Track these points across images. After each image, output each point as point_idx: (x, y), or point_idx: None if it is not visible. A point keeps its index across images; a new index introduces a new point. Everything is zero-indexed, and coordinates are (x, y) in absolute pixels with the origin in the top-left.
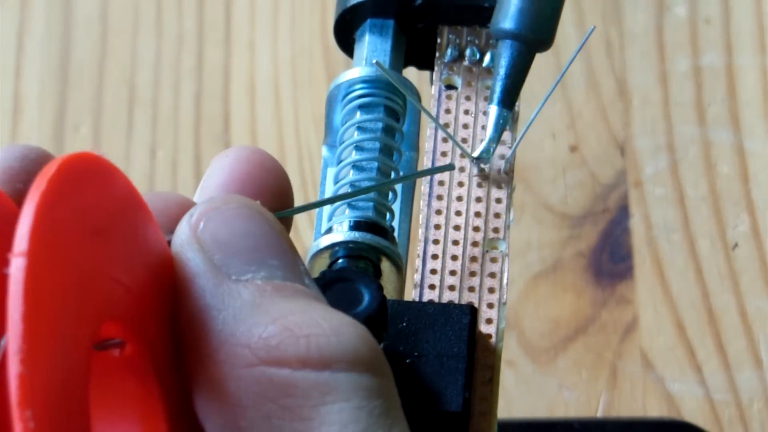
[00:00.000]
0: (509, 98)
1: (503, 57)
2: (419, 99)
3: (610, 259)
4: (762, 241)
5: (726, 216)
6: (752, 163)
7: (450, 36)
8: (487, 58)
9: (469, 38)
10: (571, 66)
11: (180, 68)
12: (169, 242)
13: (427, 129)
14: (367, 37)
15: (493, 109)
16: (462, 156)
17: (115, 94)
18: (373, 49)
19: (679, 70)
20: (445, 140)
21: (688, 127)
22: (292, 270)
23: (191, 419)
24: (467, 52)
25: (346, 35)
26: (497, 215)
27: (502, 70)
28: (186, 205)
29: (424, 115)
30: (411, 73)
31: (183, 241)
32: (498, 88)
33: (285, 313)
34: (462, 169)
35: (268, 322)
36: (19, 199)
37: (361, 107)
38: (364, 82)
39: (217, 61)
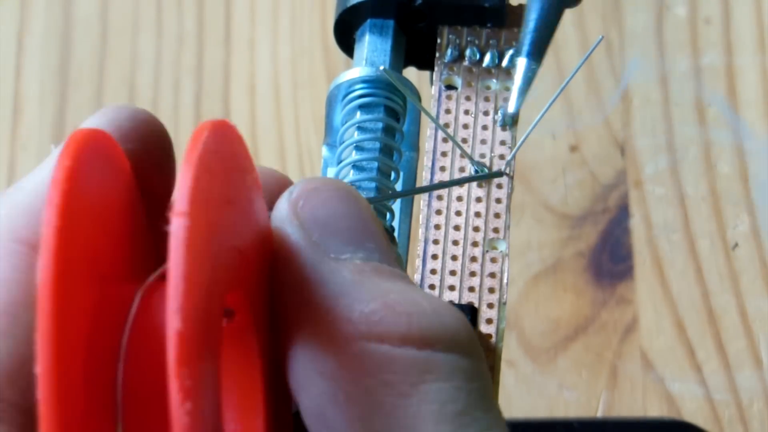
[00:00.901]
0: (538, 51)
1: (533, 10)
2: (420, 101)
3: (610, 259)
4: (762, 241)
5: (726, 216)
6: (752, 163)
7: (450, 36)
8: (487, 58)
9: (469, 38)
10: (571, 63)
11: (180, 68)
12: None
13: (427, 129)
14: (367, 37)
15: (522, 62)
16: (462, 156)
17: (115, 94)
18: (373, 49)
19: (679, 70)
20: (445, 140)
21: (688, 127)
22: (388, 254)
23: (284, 390)
24: (467, 52)
25: (346, 35)
26: (497, 215)
27: (531, 23)
28: (283, 182)
29: (424, 115)
30: (411, 73)
31: (283, 216)
32: (527, 41)
33: (386, 291)
34: (462, 170)
35: (370, 299)
36: (129, 158)
37: (361, 107)
38: (364, 82)
39: (217, 60)
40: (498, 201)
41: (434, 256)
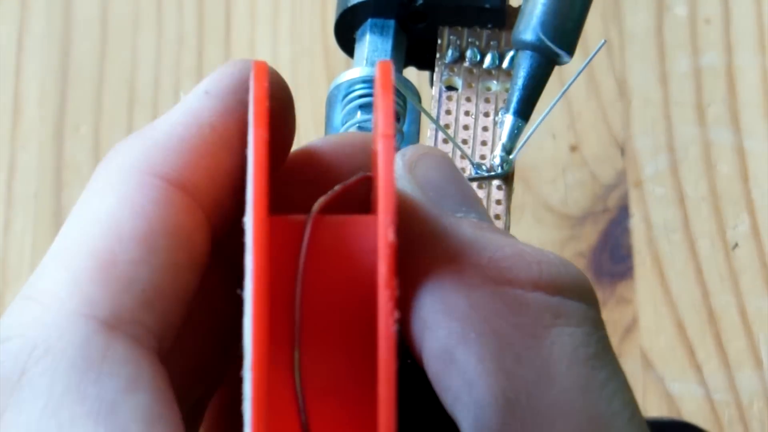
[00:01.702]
0: (525, 109)
1: (522, 68)
2: (421, 101)
3: (610, 259)
4: (762, 241)
5: (726, 216)
6: (752, 163)
7: (450, 37)
8: (488, 59)
9: (469, 39)
10: (571, 66)
11: (180, 68)
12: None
13: (428, 129)
14: (367, 37)
15: (509, 119)
16: (462, 157)
17: (115, 94)
18: (373, 49)
19: (679, 70)
20: (445, 141)
21: (688, 127)
22: (492, 220)
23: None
24: (468, 53)
25: (346, 35)
26: (497, 216)
27: (520, 81)
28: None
29: (424, 116)
30: (411, 73)
31: (399, 174)
32: (515, 98)
33: (512, 242)
34: (462, 171)
35: (498, 247)
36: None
37: (361, 107)
38: (364, 82)
39: (217, 61)
40: (498, 202)
41: None
